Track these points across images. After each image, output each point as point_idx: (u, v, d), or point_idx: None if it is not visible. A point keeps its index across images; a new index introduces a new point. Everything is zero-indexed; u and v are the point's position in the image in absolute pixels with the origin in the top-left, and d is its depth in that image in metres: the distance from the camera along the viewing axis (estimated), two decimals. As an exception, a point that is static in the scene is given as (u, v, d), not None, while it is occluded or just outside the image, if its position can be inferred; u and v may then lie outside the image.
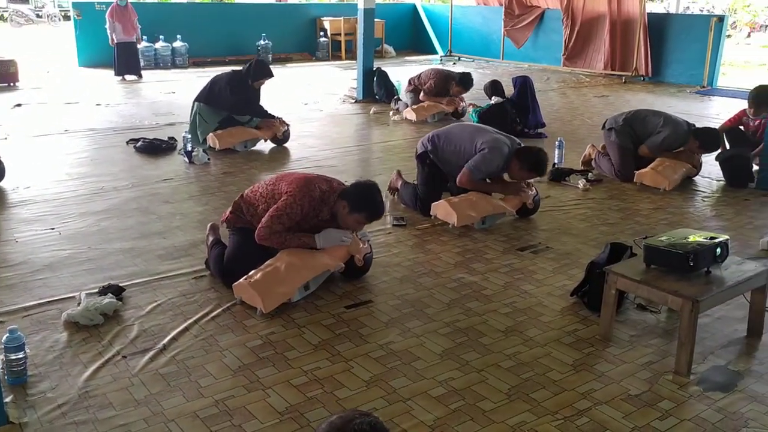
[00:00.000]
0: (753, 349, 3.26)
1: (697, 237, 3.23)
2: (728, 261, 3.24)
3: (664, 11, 16.20)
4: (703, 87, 11.58)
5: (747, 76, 13.82)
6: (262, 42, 14.21)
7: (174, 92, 10.52)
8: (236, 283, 3.57)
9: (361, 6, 9.61)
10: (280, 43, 14.69)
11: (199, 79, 12.00)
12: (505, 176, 4.96)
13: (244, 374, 2.95)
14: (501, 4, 14.69)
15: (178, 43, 13.47)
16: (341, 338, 3.27)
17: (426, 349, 3.18)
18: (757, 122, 6.11)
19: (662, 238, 3.23)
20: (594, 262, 3.62)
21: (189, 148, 6.47)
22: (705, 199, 5.56)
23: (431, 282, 3.91)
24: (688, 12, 16.81)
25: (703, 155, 6.13)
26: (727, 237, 3.24)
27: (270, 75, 7.02)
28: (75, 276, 3.89)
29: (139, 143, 6.89)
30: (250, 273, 3.57)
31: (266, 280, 3.51)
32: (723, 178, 5.98)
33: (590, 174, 6.05)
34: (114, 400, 2.75)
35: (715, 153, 6.09)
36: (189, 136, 6.59)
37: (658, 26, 12.18)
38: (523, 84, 7.93)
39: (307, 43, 15.46)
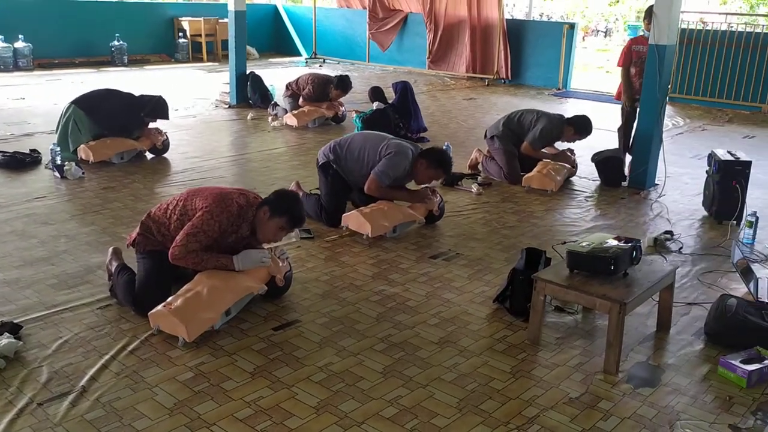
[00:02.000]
0: (665, 342, 3.50)
1: (612, 241, 3.41)
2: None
3: (522, 18, 17.06)
4: (559, 89, 12.34)
5: (588, 78, 14.93)
6: (116, 43, 13.36)
7: (23, 98, 9.64)
8: (152, 311, 3.31)
9: (231, 8, 9.30)
10: (135, 44, 13.89)
11: (48, 83, 11.17)
12: (410, 185, 5.00)
13: (182, 412, 2.75)
14: (365, 7, 14.83)
15: (20, 44, 12.35)
16: (277, 363, 3.13)
17: (366, 368, 3.12)
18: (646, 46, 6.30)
19: (583, 244, 3.38)
20: (516, 269, 3.72)
21: (59, 162, 5.94)
22: (588, 199, 5.91)
23: (354, 296, 3.85)
24: (532, 18, 17.86)
25: (577, 156, 6.54)
26: (639, 240, 3.45)
27: (166, 118, 6.71)
28: (-44, 314, 3.45)
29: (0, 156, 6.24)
30: (169, 300, 3.33)
31: (188, 305, 3.29)
32: (599, 178, 6.39)
33: (479, 177, 6.25)
34: (40, 456, 2.46)
35: (591, 154, 6.50)
36: (58, 148, 6.04)
37: (516, 32, 12.82)
38: (404, 89, 8.03)
39: (165, 44, 14.74)
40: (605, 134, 7.64)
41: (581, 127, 6.25)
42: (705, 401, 2.97)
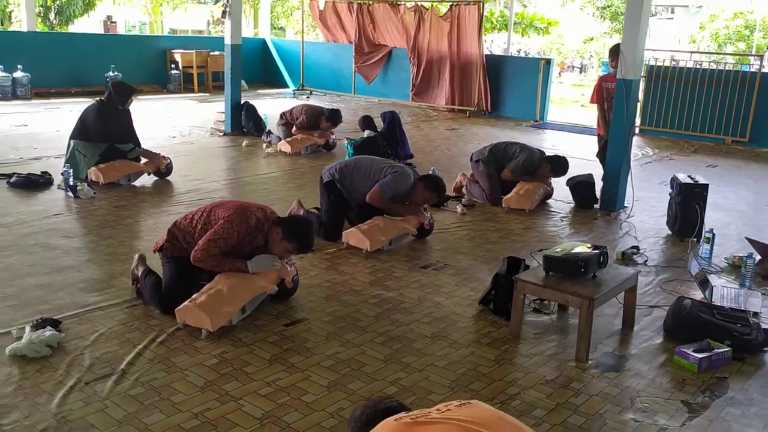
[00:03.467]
0: (629, 337, 3.98)
1: (583, 247, 3.91)
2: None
3: (495, 53, 17.80)
4: (536, 121, 12.99)
5: (564, 111, 15.65)
6: (111, 73, 13.79)
7: (26, 125, 10.04)
8: (179, 307, 3.74)
9: (228, 41, 9.83)
10: (129, 74, 14.25)
11: (47, 111, 11.59)
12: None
13: (211, 389, 3.17)
14: (351, 42, 15.47)
15: (19, 73, 12.77)
16: (290, 352, 3.57)
17: (369, 356, 3.57)
18: (614, 83, 6.90)
19: (557, 250, 3.88)
20: (499, 274, 4.20)
21: (71, 183, 6.36)
22: (563, 219, 6.44)
23: (354, 299, 4.30)
24: (510, 54, 18.70)
25: (553, 180, 7.09)
26: (606, 246, 3.96)
27: (133, 90, 7.09)
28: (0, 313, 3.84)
29: (13, 178, 6.64)
30: (194, 296, 3.76)
31: (211, 300, 3.73)
32: (573, 201, 6.93)
33: (463, 200, 6.76)
34: (94, 421, 2.86)
35: (566, 178, 7.05)
36: (71, 170, 6.46)
37: (496, 67, 13.49)
38: (392, 119, 8.58)
39: (157, 75, 15.23)
40: (580, 162, 8.20)
41: (558, 166, 6.85)
42: (662, 383, 3.45)
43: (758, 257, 5.28)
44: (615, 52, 6.62)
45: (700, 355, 3.58)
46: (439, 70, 14.09)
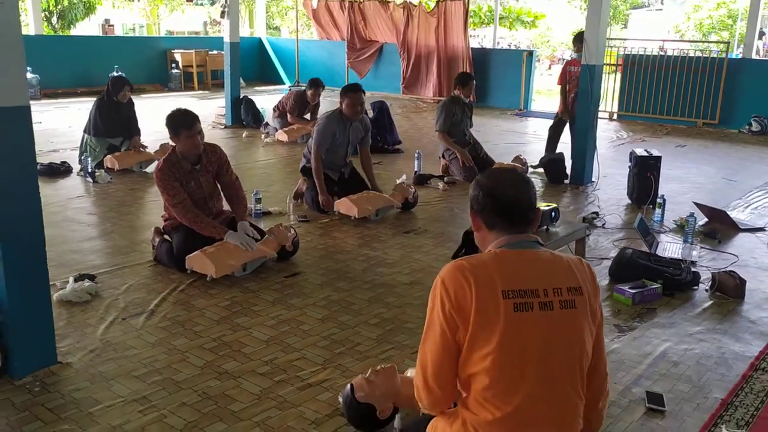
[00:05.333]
0: (579, 281, 4.65)
1: (540, 205, 4.58)
2: (560, 223, 4.65)
3: (485, 47, 18.46)
4: (521, 110, 13.67)
5: (552, 102, 16.28)
6: (115, 73, 14.47)
7: (41, 122, 10.70)
8: (189, 255, 4.40)
9: (227, 40, 10.51)
10: (132, 74, 14.80)
11: (57, 109, 12.26)
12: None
13: (225, 322, 3.85)
14: (343, 39, 16.14)
15: (29, 75, 13.44)
16: (290, 296, 4.25)
17: (357, 298, 4.25)
18: (578, 66, 7.72)
19: (516, 208, 4.55)
20: (468, 231, 4.87)
21: (90, 170, 7.03)
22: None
23: (344, 257, 4.98)
24: (497, 45, 19.40)
25: (528, 160, 7.77)
26: (556, 205, 4.64)
27: (128, 83, 7.65)
28: (43, 271, 4.51)
29: (38, 167, 7.29)
30: (204, 248, 4.44)
31: (218, 252, 4.42)
32: (546, 178, 7.61)
33: (446, 178, 7.43)
34: (133, 344, 3.54)
35: (540, 157, 7.74)
36: (90, 158, 7.14)
37: (481, 59, 14.18)
38: (381, 108, 9.26)
39: (159, 74, 15.92)
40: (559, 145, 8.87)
41: (460, 80, 7.54)
42: (601, 313, 4.13)
43: (704, 219, 5.98)
44: (578, 38, 7.30)
45: (634, 291, 4.26)
46: (427, 64, 14.78)
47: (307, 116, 9.81)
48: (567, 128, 8.19)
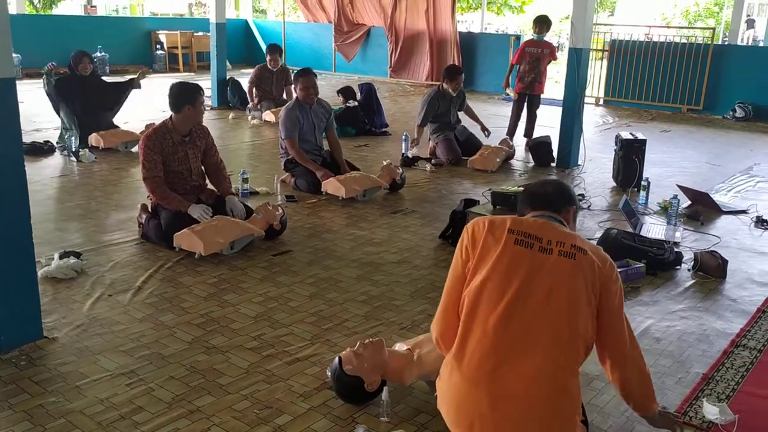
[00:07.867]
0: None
1: (516, 188, 4.61)
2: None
3: (473, 32, 18.43)
4: (508, 95, 13.65)
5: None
6: (98, 54, 14.31)
7: (23, 102, 10.55)
8: (178, 233, 4.39)
9: (213, 20, 10.42)
10: (116, 55, 14.87)
11: (40, 89, 12.02)
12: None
13: (213, 299, 3.85)
14: (330, 22, 16.04)
15: (10, 54, 13.25)
16: (278, 274, 4.25)
17: (345, 276, 4.26)
18: (540, 49, 7.97)
19: (503, 188, 4.58)
20: (455, 210, 4.90)
21: (74, 149, 6.97)
22: (522, 175, 7.15)
23: (332, 236, 4.99)
24: (485, 30, 19.40)
25: (515, 143, 7.80)
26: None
27: (88, 54, 7.56)
28: (28, 248, 4.48)
29: (20, 146, 7.21)
30: (192, 226, 4.42)
31: (206, 230, 4.41)
32: (533, 161, 7.64)
33: (433, 160, 7.45)
34: (120, 320, 3.54)
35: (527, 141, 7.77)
36: (73, 138, 7.07)
37: (469, 44, 14.16)
38: (368, 90, 9.22)
39: (143, 55, 15.75)
40: (541, 128, 8.89)
41: (448, 74, 7.55)
42: (586, 292, 4.17)
43: (687, 201, 6.04)
44: (538, 20, 7.89)
45: (618, 270, 4.29)
46: (415, 48, 14.73)
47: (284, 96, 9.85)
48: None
